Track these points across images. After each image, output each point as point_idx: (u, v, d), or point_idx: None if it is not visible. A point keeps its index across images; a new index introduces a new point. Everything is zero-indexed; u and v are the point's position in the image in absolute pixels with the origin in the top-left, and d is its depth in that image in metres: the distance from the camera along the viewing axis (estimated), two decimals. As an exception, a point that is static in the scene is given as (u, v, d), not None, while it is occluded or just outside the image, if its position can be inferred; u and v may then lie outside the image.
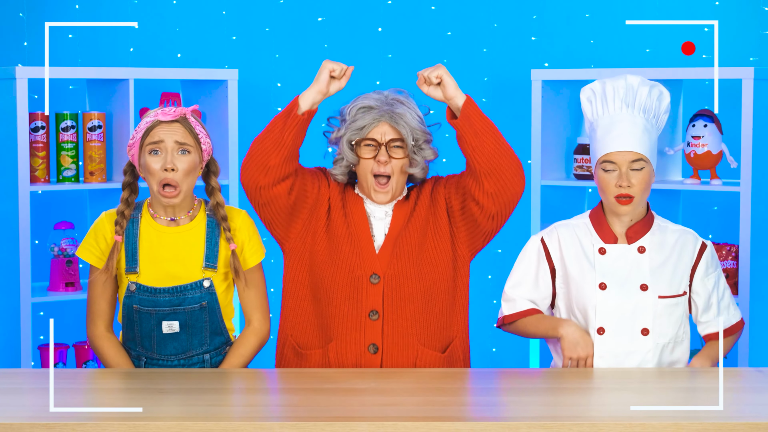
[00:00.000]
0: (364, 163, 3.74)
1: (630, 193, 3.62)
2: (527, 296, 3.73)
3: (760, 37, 5.27)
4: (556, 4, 5.48)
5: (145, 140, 3.64)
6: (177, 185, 3.63)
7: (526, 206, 5.29)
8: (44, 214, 5.30)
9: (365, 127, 3.73)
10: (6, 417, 2.97)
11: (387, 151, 3.72)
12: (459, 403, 3.27)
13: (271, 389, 3.38)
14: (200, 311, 3.68)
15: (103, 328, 3.72)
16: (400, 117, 3.73)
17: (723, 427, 2.90)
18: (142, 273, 3.67)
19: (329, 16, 5.55)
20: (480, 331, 5.49)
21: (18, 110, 4.83)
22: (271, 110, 5.54)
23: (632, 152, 3.62)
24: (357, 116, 3.75)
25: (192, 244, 3.70)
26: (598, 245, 3.70)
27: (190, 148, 3.65)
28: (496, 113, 5.56)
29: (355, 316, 3.70)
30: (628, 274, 3.67)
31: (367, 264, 3.72)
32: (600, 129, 3.67)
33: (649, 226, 3.72)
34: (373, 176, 3.73)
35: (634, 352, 3.63)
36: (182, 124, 3.65)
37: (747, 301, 4.83)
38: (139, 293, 3.67)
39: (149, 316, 3.67)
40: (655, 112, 3.68)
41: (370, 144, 3.73)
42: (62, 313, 5.31)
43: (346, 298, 3.71)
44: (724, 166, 5.07)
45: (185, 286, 3.67)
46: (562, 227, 3.76)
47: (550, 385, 3.43)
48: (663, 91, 3.71)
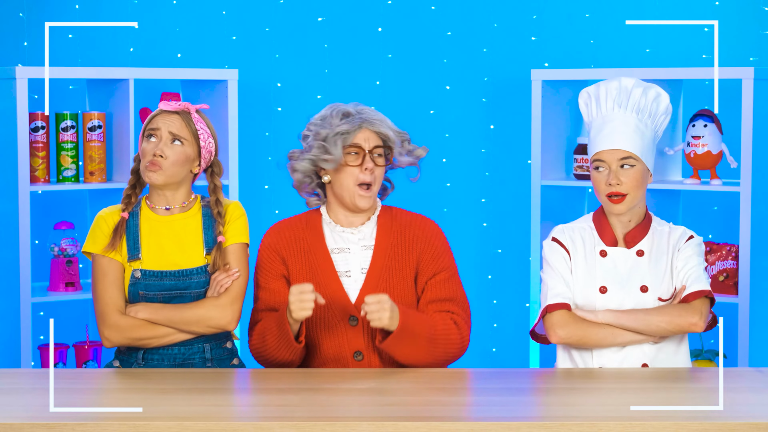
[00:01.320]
0: (348, 172, 3.69)
1: (620, 191, 3.62)
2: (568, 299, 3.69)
3: (760, 37, 5.27)
4: (556, 4, 5.48)
5: (147, 127, 3.73)
6: (161, 168, 3.68)
7: (526, 206, 5.29)
8: (44, 214, 5.30)
9: (350, 132, 3.68)
10: (6, 417, 2.97)
11: (372, 159, 3.70)
12: (459, 403, 3.27)
13: (271, 389, 3.38)
14: (204, 296, 3.73)
15: (118, 316, 3.70)
16: (381, 122, 3.71)
17: (723, 427, 2.90)
18: (144, 259, 3.71)
19: (329, 16, 5.55)
20: (480, 331, 5.49)
21: (18, 110, 4.83)
22: (271, 110, 5.55)
23: (620, 150, 3.62)
24: (341, 122, 3.69)
25: (190, 231, 3.75)
26: (599, 248, 3.70)
27: (183, 140, 3.70)
28: (496, 113, 5.57)
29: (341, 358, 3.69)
30: (629, 275, 3.67)
31: (342, 310, 3.69)
32: (593, 130, 3.69)
33: (647, 229, 3.71)
34: (357, 185, 3.71)
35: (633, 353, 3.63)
36: (182, 116, 3.71)
37: (747, 301, 4.83)
38: (145, 278, 3.70)
39: (155, 300, 3.71)
40: (651, 113, 3.67)
41: (353, 152, 3.71)
42: (62, 313, 5.31)
43: (330, 344, 3.70)
44: (724, 166, 5.07)
45: (190, 270, 3.71)
46: (566, 228, 3.76)
47: (550, 385, 3.43)
48: (661, 93, 3.69)
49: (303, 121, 3.80)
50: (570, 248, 3.70)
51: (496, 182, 5.59)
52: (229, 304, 3.72)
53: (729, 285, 4.92)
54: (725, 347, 5.04)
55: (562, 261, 3.69)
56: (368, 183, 3.69)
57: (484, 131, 5.57)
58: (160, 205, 3.77)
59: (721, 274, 4.95)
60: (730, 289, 4.92)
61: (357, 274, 3.72)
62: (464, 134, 5.58)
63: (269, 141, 5.55)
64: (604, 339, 3.62)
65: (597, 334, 3.62)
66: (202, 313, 3.70)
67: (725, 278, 4.94)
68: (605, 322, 3.62)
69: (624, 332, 3.62)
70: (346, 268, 3.73)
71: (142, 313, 3.68)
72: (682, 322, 3.61)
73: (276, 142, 5.54)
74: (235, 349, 3.85)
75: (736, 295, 4.88)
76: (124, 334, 3.69)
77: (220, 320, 3.71)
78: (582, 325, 3.63)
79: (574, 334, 3.63)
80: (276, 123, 5.55)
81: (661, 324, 3.60)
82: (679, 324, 3.61)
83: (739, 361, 4.85)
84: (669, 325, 3.61)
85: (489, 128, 5.57)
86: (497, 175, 5.59)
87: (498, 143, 5.58)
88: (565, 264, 3.69)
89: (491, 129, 5.57)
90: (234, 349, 3.84)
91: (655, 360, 3.64)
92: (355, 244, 3.74)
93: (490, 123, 5.57)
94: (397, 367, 3.66)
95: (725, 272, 4.94)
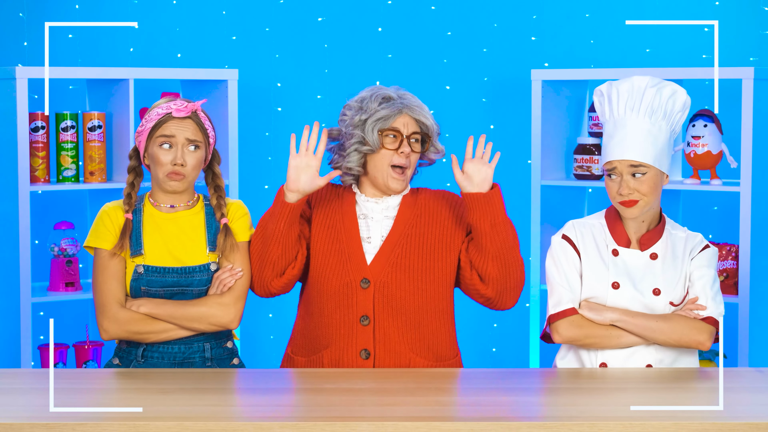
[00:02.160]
0: (383, 154, 3.73)
1: (633, 198, 3.60)
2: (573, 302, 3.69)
3: (760, 37, 5.27)
4: (556, 4, 5.48)
5: (156, 131, 3.70)
6: (184, 176, 3.70)
7: (526, 206, 5.29)
8: (44, 214, 5.30)
9: (389, 117, 3.72)
10: (6, 417, 2.97)
11: (408, 144, 3.73)
12: (459, 403, 3.27)
13: (270, 389, 3.38)
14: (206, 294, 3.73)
15: (118, 308, 3.70)
16: (420, 109, 3.75)
17: (723, 427, 2.90)
18: (147, 255, 3.72)
19: (329, 16, 5.55)
20: (480, 331, 5.49)
21: (18, 110, 4.83)
22: (271, 110, 5.55)
23: (631, 160, 3.59)
24: (381, 106, 3.74)
25: (193, 229, 3.76)
26: (612, 246, 3.68)
27: (199, 144, 3.71)
28: (496, 113, 5.57)
29: (347, 323, 3.71)
30: (642, 277, 3.65)
31: (357, 270, 3.72)
32: (605, 134, 3.65)
33: (661, 233, 3.69)
34: (390, 166, 3.73)
35: (639, 351, 3.63)
36: (194, 120, 3.71)
37: (747, 301, 4.83)
38: (147, 274, 3.70)
39: (157, 296, 3.71)
40: (666, 113, 3.61)
41: (391, 135, 3.73)
42: (62, 313, 5.31)
43: (337, 306, 3.72)
44: (724, 166, 5.07)
45: (193, 268, 3.72)
46: (579, 224, 3.73)
47: (550, 385, 3.43)
48: (677, 90, 3.62)
49: (303, 121, 3.81)
50: (580, 247, 3.69)
51: (496, 182, 5.57)
52: (232, 302, 3.72)
53: (729, 285, 4.92)
54: (725, 347, 5.04)
55: (570, 261, 3.68)
56: (402, 166, 3.71)
57: (484, 131, 5.58)
58: (165, 204, 3.77)
59: (721, 274, 4.94)
60: (730, 289, 4.91)
61: (377, 240, 3.75)
62: (464, 134, 5.57)
63: (269, 141, 5.55)
64: (608, 342, 3.62)
65: (602, 338, 3.62)
66: (204, 311, 3.71)
67: (725, 278, 4.94)
68: (611, 322, 3.61)
69: (629, 335, 3.62)
70: (367, 234, 3.76)
71: (144, 307, 3.69)
72: (690, 339, 3.60)
73: (276, 142, 5.54)
74: (236, 348, 3.85)
75: (736, 295, 4.88)
76: (123, 327, 3.69)
77: (222, 318, 3.71)
78: (586, 329, 3.62)
79: (577, 339, 3.63)
80: (276, 123, 5.55)
81: (671, 335, 3.60)
82: (687, 341, 3.61)
83: (739, 361, 4.85)
84: (677, 339, 3.60)
85: (489, 128, 5.57)
86: (497, 175, 5.55)
87: (498, 143, 5.57)
88: (572, 265, 3.68)
89: (491, 129, 5.57)
90: (234, 348, 3.84)
91: (661, 362, 3.63)
92: (379, 213, 3.78)
93: (490, 123, 5.57)
94: (397, 366, 3.67)
95: (725, 272, 4.94)
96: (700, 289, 3.64)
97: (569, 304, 3.64)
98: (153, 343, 3.72)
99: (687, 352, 3.66)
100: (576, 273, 3.67)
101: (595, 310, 3.64)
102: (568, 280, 3.66)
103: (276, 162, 5.54)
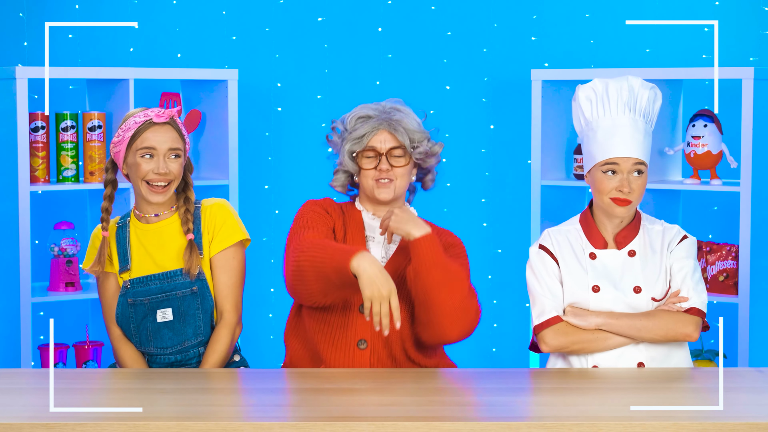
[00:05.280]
0: (365, 173, 3.74)
1: (630, 198, 3.61)
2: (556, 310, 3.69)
3: (760, 37, 5.27)
4: (556, 4, 5.48)
5: (135, 142, 3.69)
6: (167, 188, 3.71)
7: (526, 206, 5.29)
8: (44, 214, 5.30)
9: (364, 136, 3.73)
10: (6, 417, 2.97)
11: (388, 160, 3.72)
12: (459, 403, 3.27)
13: (270, 389, 3.38)
14: (192, 297, 3.71)
15: (120, 332, 3.79)
16: (398, 123, 3.74)
17: (723, 427, 2.90)
18: (133, 268, 3.73)
19: (329, 16, 5.55)
20: (480, 331, 5.49)
21: (18, 110, 4.83)
22: (271, 110, 5.55)
23: (636, 158, 3.61)
24: (356, 126, 3.75)
25: (176, 233, 3.75)
26: (588, 250, 3.69)
27: (180, 152, 3.71)
28: (496, 113, 5.57)
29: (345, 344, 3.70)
30: (621, 276, 3.66)
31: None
32: (601, 131, 3.64)
33: (637, 229, 3.71)
34: (374, 180, 3.73)
35: (628, 351, 3.63)
36: (172, 126, 3.71)
37: (747, 301, 4.83)
38: (133, 286, 3.72)
39: (143, 306, 3.71)
40: (652, 115, 3.69)
41: (369, 155, 3.73)
42: (62, 313, 5.31)
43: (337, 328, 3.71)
44: (724, 166, 5.07)
45: (175, 272, 3.71)
46: (554, 232, 3.74)
47: (550, 385, 3.43)
48: (658, 92, 3.69)
49: (303, 121, 3.81)
50: (558, 255, 3.70)
51: (496, 182, 5.59)
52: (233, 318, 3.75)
53: (729, 285, 4.92)
54: (725, 347, 5.04)
55: (549, 270, 3.69)
56: (388, 178, 3.71)
57: (484, 131, 5.58)
58: (149, 213, 3.77)
59: (721, 274, 4.94)
60: (730, 289, 4.91)
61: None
62: (464, 134, 5.58)
63: (269, 141, 5.55)
64: (596, 345, 3.63)
65: (589, 343, 3.63)
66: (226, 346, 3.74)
67: (725, 278, 4.94)
68: (597, 327, 3.62)
69: (616, 336, 3.62)
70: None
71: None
72: (677, 333, 3.61)
73: (276, 142, 5.54)
74: (237, 346, 3.85)
75: (736, 295, 4.88)
76: (114, 345, 3.79)
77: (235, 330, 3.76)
78: (572, 336, 3.63)
79: (565, 346, 3.64)
80: (276, 123, 5.55)
81: (657, 332, 3.60)
82: (674, 335, 3.61)
83: (739, 361, 4.85)
84: (664, 334, 3.61)
85: (489, 128, 5.57)
86: (497, 175, 5.59)
87: (498, 143, 5.58)
88: (551, 273, 3.69)
89: (491, 129, 5.57)
90: (236, 347, 3.84)
91: (653, 361, 3.64)
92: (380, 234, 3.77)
93: (490, 123, 5.57)
94: (398, 363, 3.67)
95: (725, 272, 4.94)
96: (681, 281, 3.65)
97: (553, 312, 3.65)
98: (151, 353, 3.74)
99: (678, 347, 3.67)
100: (556, 280, 3.68)
101: (580, 315, 3.64)
102: (549, 289, 3.67)
103: (276, 162, 5.54)
